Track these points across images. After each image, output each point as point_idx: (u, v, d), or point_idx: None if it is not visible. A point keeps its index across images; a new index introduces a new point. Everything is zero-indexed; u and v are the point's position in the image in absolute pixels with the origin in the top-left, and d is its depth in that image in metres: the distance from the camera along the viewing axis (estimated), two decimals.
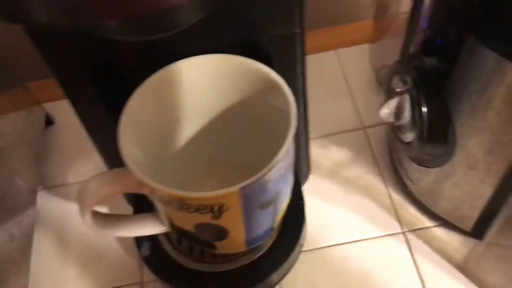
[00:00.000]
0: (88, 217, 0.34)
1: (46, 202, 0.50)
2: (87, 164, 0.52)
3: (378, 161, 0.49)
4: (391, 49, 0.51)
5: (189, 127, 0.38)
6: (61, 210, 0.49)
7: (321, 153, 0.50)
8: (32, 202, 0.47)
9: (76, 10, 0.19)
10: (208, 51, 0.34)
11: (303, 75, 0.36)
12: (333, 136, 0.51)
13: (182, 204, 0.30)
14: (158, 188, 0.29)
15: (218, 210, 0.30)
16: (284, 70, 0.34)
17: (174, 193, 0.29)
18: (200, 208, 0.30)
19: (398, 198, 0.47)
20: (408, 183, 0.46)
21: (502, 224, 0.37)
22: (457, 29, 0.33)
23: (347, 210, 0.47)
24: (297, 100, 0.32)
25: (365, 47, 0.58)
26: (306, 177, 0.48)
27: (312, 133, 0.44)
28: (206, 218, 0.31)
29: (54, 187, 0.51)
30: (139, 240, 0.42)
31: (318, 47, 0.58)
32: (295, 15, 0.31)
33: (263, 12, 0.31)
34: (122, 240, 0.47)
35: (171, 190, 0.29)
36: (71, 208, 0.49)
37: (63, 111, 0.56)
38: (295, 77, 0.36)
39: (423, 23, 0.37)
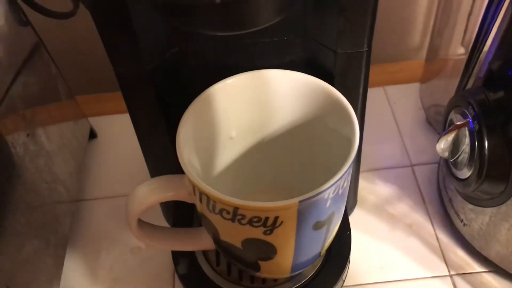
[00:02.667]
0: (134, 224, 0.33)
1: (82, 213, 0.49)
2: (124, 181, 0.52)
3: (425, 200, 0.48)
4: (443, 89, 0.51)
5: (240, 142, 0.38)
6: (96, 223, 0.49)
7: (367, 186, 0.49)
8: (70, 211, 0.46)
9: None
10: (268, 66, 0.34)
11: (364, 97, 0.35)
12: (380, 171, 0.50)
13: (235, 215, 0.29)
14: (214, 195, 0.29)
15: (271, 224, 0.29)
16: (346, 90, 0.33)
17: (229, 201, 0.28)
18: (254, 220, 0.29)
19: (445, 239, 0.45)
20: (458, 224, 0.44)
21: None
22: None
23: (391, 247, 0.45)
24: None
25: (414, 86, 0.57)
26: (351, 209, 0.46)
27: None
28: (257, 233, 0.30)
29: (92, 200, 0.50)
30: (176, 257, 0.40)
31: None
32: (365, 32, 0.31)
33: (332, 27, 0.31)
34: (156, 257, 0.45)
35: (227, 197, 0.28)
36: (105, 221, 0.48)
37: (106, 126, 0.57)
38: (356, 99, 0.35)
39: (488, 54, 0.36)
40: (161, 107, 0.35)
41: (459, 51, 0.48)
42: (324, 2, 0.31)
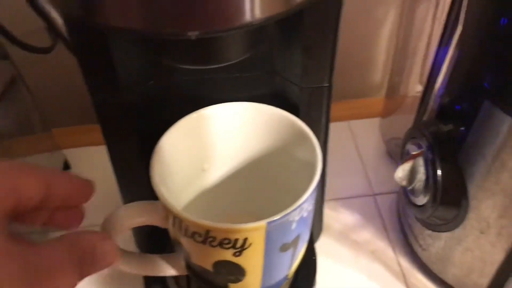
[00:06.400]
0: None
1: None
2: (97, 211, 0.53)
3: (387, 227, 0.50)
4: (401, 123, 0.55)
5: (212, 173, 0.40)
6: None
7: (332, 215, 0.51)
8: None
9: (157, 21, 0.21)
10: (239, 99, 0.37)
11: (327, 128, 0.38)
12: (344, 200, 0.53)
13: (207, 237, 0.31)
14: (186, 218, 0.30)
15: (241, 245, 0.31)
16: (310, 122, 0.36)
17: (201, 223, 0.30)
18: (224, 241, 0.31)
19: (406, 264, 0.47)
20: (418, 250, 0.46)
21: None
22: (474, 95, 0.36)
23: (355, 272, 0.47)
24: None
25: (376, 120, 0.61)
26: (317, 236, 0.48)
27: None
28: (227, 255, 0.32)
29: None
30: (148, 283, 0.41)
31: (332, 118, 0.61)
32: (326, 70, 0.34)
33: (296, 65, 0.34)
34: (128, 284, 0.46)
35: (199, 220, 0.30)
36: None
37: (79, 158, 0.58)
38: (319, 129, 0.38)
39: (439, 90, 0.40)
40: (137, 136, 0.37)
41: (417, 89, 0.52)
42: (289, 42, 0.34)
